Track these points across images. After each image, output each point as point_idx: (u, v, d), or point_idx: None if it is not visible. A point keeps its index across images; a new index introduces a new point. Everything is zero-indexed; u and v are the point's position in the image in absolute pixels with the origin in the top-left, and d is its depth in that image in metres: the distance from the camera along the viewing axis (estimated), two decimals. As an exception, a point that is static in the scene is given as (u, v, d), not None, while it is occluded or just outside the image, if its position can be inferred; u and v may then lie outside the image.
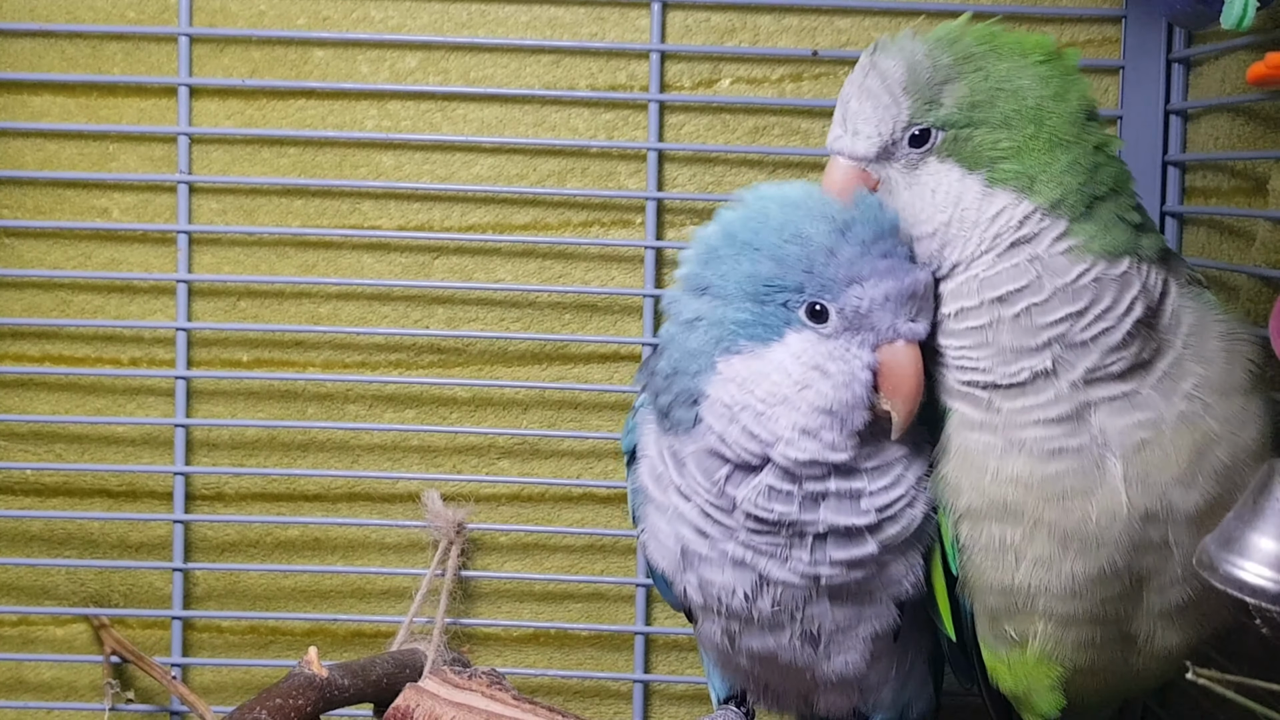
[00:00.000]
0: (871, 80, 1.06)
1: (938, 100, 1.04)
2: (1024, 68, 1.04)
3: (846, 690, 1.19)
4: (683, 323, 1.09)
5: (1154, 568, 1.05)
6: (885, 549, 1.09)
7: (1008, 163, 1.02)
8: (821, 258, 1.03)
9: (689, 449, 1.10)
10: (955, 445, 1.07)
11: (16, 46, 1.55)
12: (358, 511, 1.58)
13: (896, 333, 1.04)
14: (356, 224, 1.56)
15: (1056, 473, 1.03)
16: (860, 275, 1.03)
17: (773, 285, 1.04)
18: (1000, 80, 1.03)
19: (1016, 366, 1.03)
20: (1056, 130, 1.03)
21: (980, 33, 1.06)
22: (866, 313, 1.03)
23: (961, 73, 1.04)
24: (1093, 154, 1.03)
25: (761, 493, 1.07)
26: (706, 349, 1.07)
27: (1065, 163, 1.02)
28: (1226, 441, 1.04)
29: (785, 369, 1.05)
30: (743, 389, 1.06)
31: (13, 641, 1.60)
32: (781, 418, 1.05)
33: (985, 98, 1.03)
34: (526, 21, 1.55)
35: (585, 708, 1.60)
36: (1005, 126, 1.03)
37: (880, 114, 1.05)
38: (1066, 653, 1.09)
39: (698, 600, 1.15)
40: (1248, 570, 0.91)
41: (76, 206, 1.56)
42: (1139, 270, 1.03)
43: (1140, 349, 1.03)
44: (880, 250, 1.03)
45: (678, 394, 1.10)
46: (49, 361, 1.58)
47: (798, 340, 1.05)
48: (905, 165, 1.05)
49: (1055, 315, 1.02)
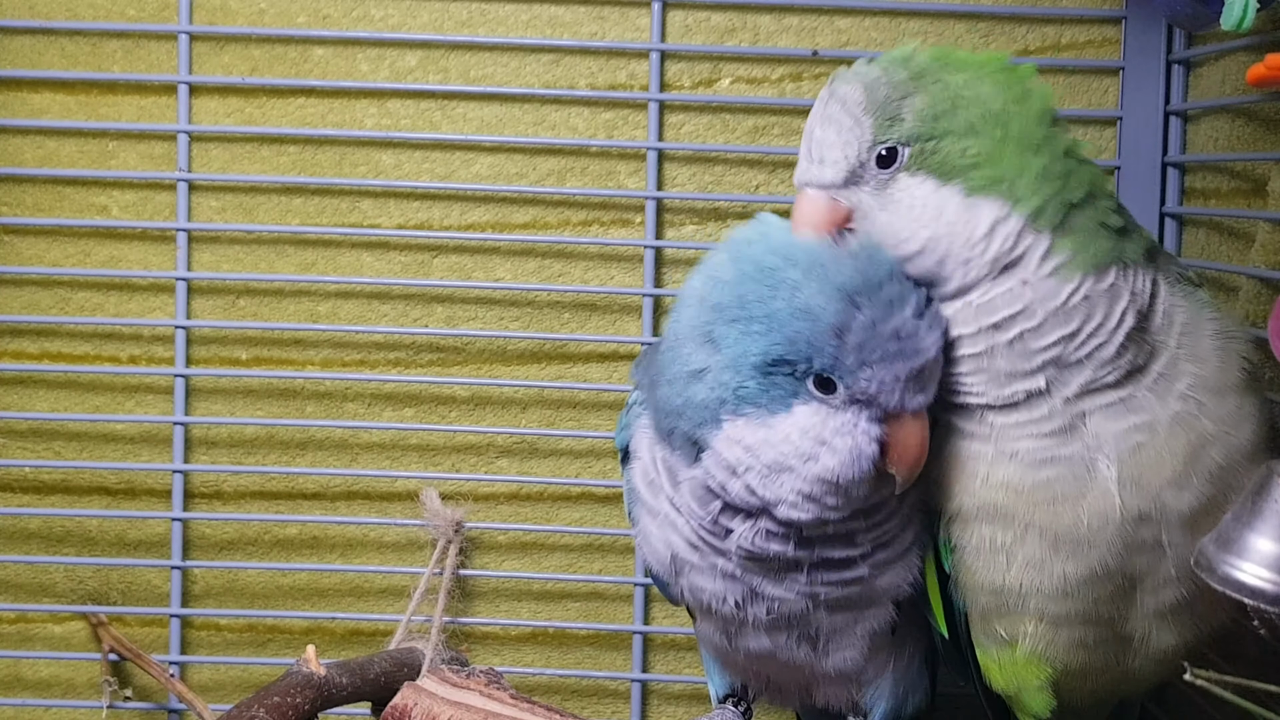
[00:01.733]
0: (831, 108, 1.05)
1: (899, 116, 1.02)
2: (981, 77, 1.03)
3: (845, 683, 1.20)
4: (689, 371, 1.06)
5: (1147, 568, 1.05)
6: (879, 566, 1.10)
7: (981, 169, 1.01)
8: (831, 340, 1.00)
9: (685, 474, 1.09)
10: (946, 451, 1.07)
11: (16, 43, 1.55)
12: (356, 510, 1.58)
13: (904, 407, 1.02)
14: (356, 222, 1.56)
15: (1047, 479, 1.03)
16: (870, 359, 1.00)
17: (783, 361, 1.02)
18: (959, 89, 1.02)
19: (1011, 390, 1.02)
20: (1024, 132, 1.01)
21: (933, 51, 1.06)
22: (875, 394, 1.01)
23: (919, 86, 1.03)
24: (1064, 159, 1.03)
25: (759, 534, 1.07)
26: (712, 405, 1.05)
27: (1038, 168, 1.01)
28: (1221, 442, 1.03)
29: (792, 441, 1.03)
30: (749, 453, 1.04)
31: (11, 639, 1.60)
32: (785, 484, 1.04)
33: (946, 107, 1.02)
34: (526, 20, 1.55)
35: (583, 707, 1.60)
36: (971, 133, 1.01)
37: (844, 138, 1.03)
38: (1058, 653, 1.09)
39: (692, 602, 1.15)
40: (1246, 571, 0.91)
41: (76, 204, 1.56)
42: (1126, 278, 1.02)
43: (1134, 356, 1.02)
44: (890, 330, 1.00)
45: (679, 432, 1.08)
46: (48, 359, 1.58)
47: (805, 412, 1.02)
48: (876, 187, 1.03)
49: (1049, 339, 1.01)
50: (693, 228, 1.56)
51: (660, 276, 1.55)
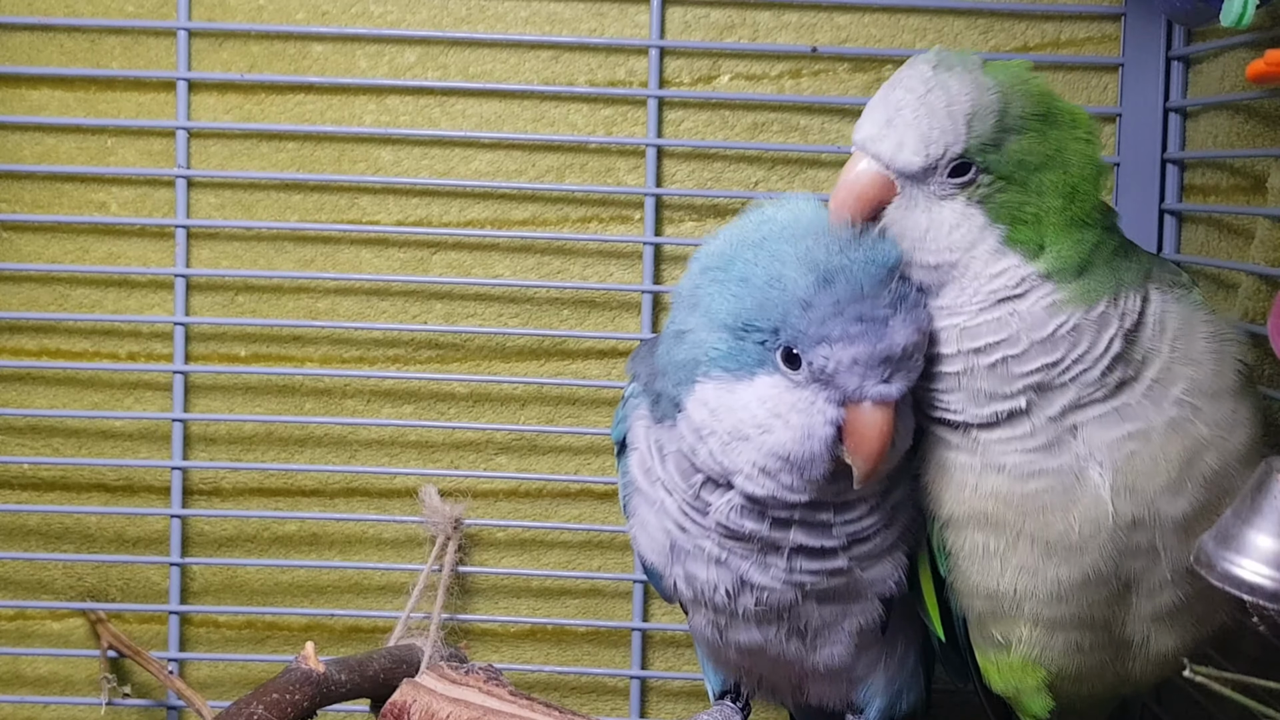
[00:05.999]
0: (935, 97, 1.01)
1: (999, 145, 1.01)
2: (1073, 140, 1.03)
3: (836, 681, 1.20)
4: (674, 332, 1.09)
5: (1141, 573, 1.05)
6: (861, 560, 1.10)
7: (1029, 228, 1.01)
8: (796, 310, 1.00)
9: (670, 447, 1.11)
10: (934, 459, 1.07)
11: (15, 40, 1.55)
12: (355, 507, 1.58)
13: (863, 394, 1.01)
14: (355, 219, 1.56)
15: (1035, 490, 1.03)
16: (829, 336, 1.00)
17: (751, 325, 1.03)
18: (1055, 147, 1.02)
19: (990, 410, 1.03)
20: (1082, 213, 1.02)
21: (1044, 89, 1.04)
22: (833, 373, 1.01)
23: (1026, 126, 1.01)
24: (1102, 233, 1.03)
25: (734, 509, 1.08)
26: (688, 366, 1.07)
27: (1076, 239, 1.02)
28: (1216, 447, 1.03)
29: (750, 409, 1.03)
30: (713, 416, 1.05)
31: (9, 636, 1.60)
32: (743, 453, 1.04)
33: (1039, 161, 1.01)
34: (525, 17, 1.55)
35: (582, 703, 1.60)
36: (1039, 193, 1.01)
37: (937, 134, 1.00)
38: (1054, 657, 1.09)
39: (686, 593, 1.15)
40: (1246, 568, 0.91)
41: (74, 201, 1.56)
42: (1116, 305, 1.02)
43: (1122, 373, 1.02)
44: (856, 313, 1.00)
45: (665, 396, 1.11)
46: (47, 356, 1.57)
47: (767, 383, 1.03)
48: (935, 191, 1.02)
49: (1031, 365, 1.01)
50: (692, 224, 1.56)
51: (659, 273, 1.55)
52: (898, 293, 1.01)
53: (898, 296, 1.01)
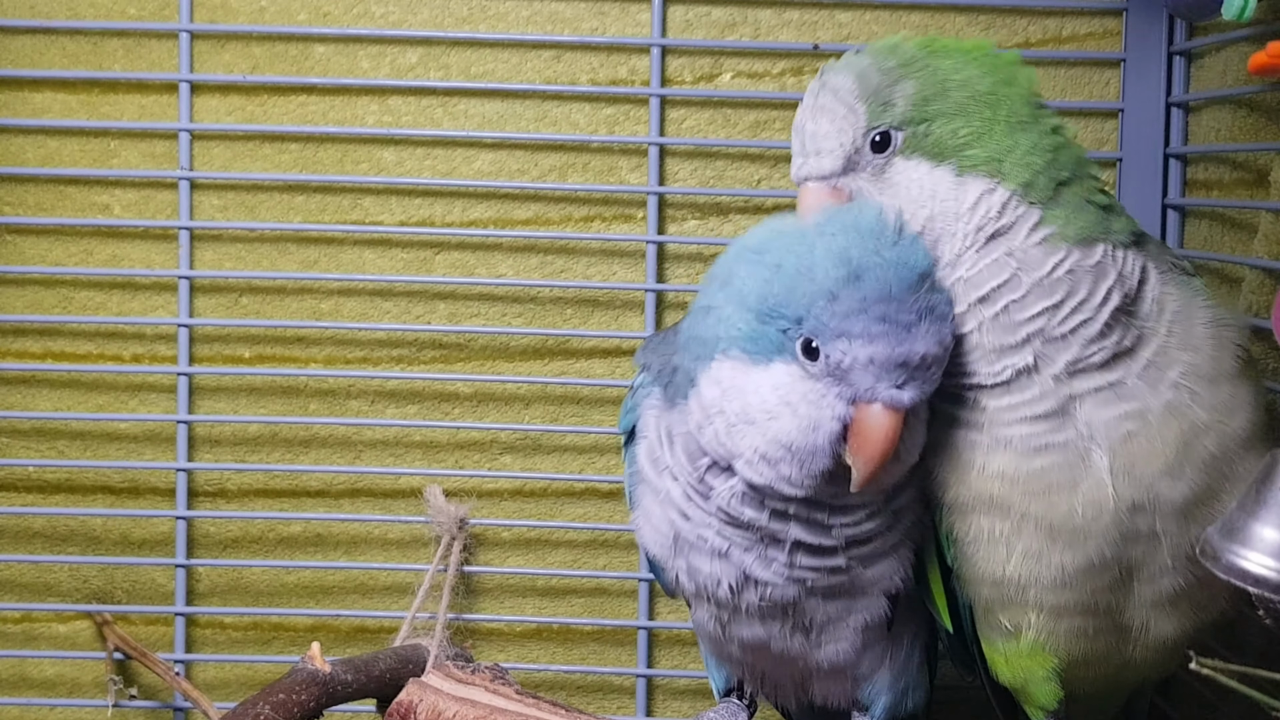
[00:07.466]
0: (824, 98, 1.07)
1: (891, 101, 1.05)
2: (968, 61, 1.06)
3: (840, 678, 1.20)
4: (702, 306, 1.09)
5: (1143, 558, 1.06)
6: (862, 560, 1.10)
7: (973, 149, 1.04)
8: (822, 301, 1.01)
9: (679, 429, 1.11)
10: (942, 441, 1.08)
11: (17, 43, 1.55)
12: (360, 507, 1.58)
13: (874, 395, 1.01)
14: (358, 219, 1.56)
15: (1041, 468, 1.04)
16: (849, 331, 1.00)
17: (776, 311, 1.03)
18: (947, 73, 1.05)
19: (1000, 365, 1.04)
20: (1013, 112, 1.04)
21: (920, 39, 1.09)
22: (848, 369, 1.01)
23: (909, 73, 1.06)
24: (1051, 135, 1.05)
25: (736, 495, 1.08)
26: (709, 341, 1.07)
27: (1027, 144, 1.04)
28: (1214, 431, 1.04)
29: (761, 394, 1.04)
30: (724, 395, 1.05)
31: (16, 638, 1.60)
32: (747, 437, 1.04)
33: (936, 90, 1.05)
34: (527, 16, 1.55)
35: (588, 702, 1.60)
36: (962, 114, 1.04)
37: (839, 126, 1.06)
38: (1060, 643, 1.10)
39: (689, 587, 1.15)
40: (1251, 560, 0.91)
41: (78, 203, 1.56)
42: (1113, 258, 1.04)
43: (1120, 337, 1.03)
44: (880, 312, 1.00)
45: (682, 370, 1.11)
46: (51, 358, 1.58)
47: (782, 371, 1.03)
48: (872, 172, 1.06)
49: (1033, 310, 1.02)
50: (695, 223, 1.56)
51: (662, 272, 1.55)
52: (926, 301, 1.01)
53: (926, 305, 1.01)
